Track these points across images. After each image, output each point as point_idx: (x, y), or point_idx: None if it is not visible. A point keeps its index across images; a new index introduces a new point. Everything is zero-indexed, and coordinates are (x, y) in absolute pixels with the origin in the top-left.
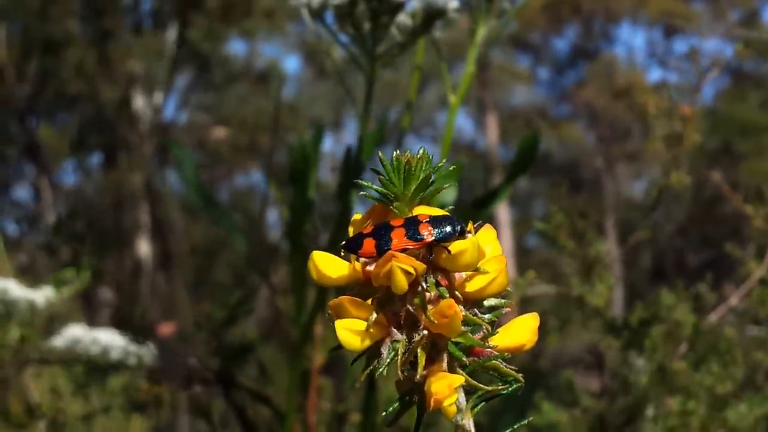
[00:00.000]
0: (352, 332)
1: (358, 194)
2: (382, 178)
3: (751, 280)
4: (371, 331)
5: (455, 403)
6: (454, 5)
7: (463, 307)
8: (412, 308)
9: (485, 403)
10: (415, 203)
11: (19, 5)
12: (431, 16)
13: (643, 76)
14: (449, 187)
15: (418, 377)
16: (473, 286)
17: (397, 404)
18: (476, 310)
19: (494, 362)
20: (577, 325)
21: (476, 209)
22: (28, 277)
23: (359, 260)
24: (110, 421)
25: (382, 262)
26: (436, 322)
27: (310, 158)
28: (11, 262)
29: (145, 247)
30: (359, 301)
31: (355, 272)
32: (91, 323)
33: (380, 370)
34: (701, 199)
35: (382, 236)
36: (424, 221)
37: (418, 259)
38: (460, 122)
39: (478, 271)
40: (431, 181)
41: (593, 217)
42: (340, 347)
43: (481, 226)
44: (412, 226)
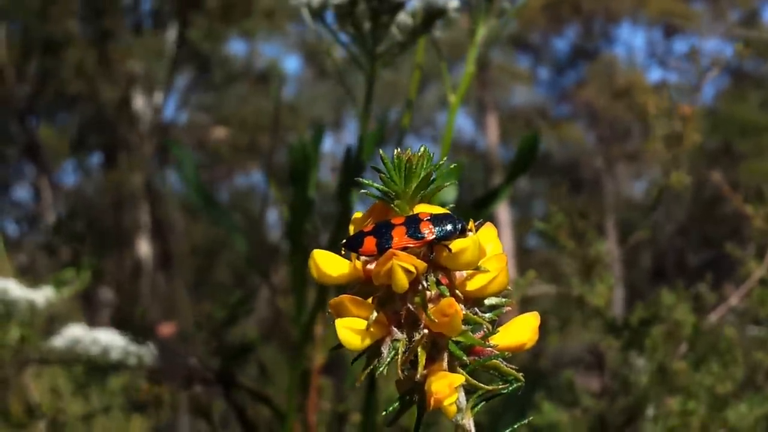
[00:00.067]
0: (352, 331)
1: (358, 194)
2: (383, 176)
3: (751, 280)
4: (372, 330)
5: (455, 402)
6: (454, 5)
7: (463, 305)
8: (412, 307)
9: (485, 402)
10: (416, 201)
11: (19, 5)
12: (431, 15)
13: (643, 76)
14: (450, 185)
15: (418, 376)
16: (474, 284)
17: (397, 404)
18: (477, 308)
19: (495, 361)
20: (577, 325)
21: (476, 209)
22: (28, 277)
23: (360, 259)
24: (110, 421)
25: (382, 260)
26: (436, 320)
27: (310, 158)
28: (11, 262)
29: (145, 247)
30: (360, 299)
31: (355, 271)
32: (91, 323)
33: (381, 369)
34: (701, 199)
35: (382, 234)
36: (425, 219)
37: (418, 257)
38: (460, 122)
39: (478, 269)
40: (432, 179)
41: (593, 217)
42: (340, 346)
43: (481, 224)
44: (412, 224)
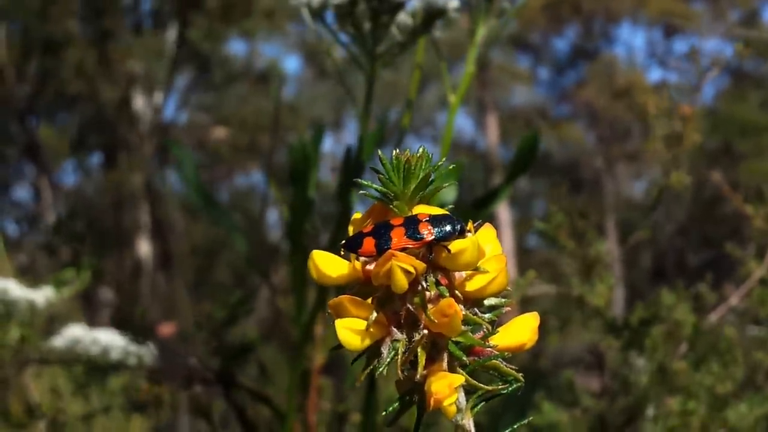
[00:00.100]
0: (352, 331)
1: (358, 194)
2: (381, 177)
3: (751, 280)
4: (371, 330)
5: (455, 402)
6: (454, 5)
7: (463, 306)
8: (412, 307)
9: (485, 402)
10: (414, 202)
11: (19, 5)
12: (431, 15)
13: (643, 76)
14: (449, 186)
15: (418, 377)
16: (473, 285)
17: (397, 404)
18: (476, 309)
19: (494, 362)
20: (577, 325)
21: (476, 209)
22: (28, 277)
23: (359, 259)
24: (110, 421)
25: (382, 261)
26: (436, 321)
27: (310, 158)
28: (11, 262)
29: (145, 247)
30: (359, 300)
31: (355, 271)
32: (91, 323)
33: (380, 369)
34: (701, 199)
35: (381, 235)
36: (423, 220)
37: (418, 258)
38: (460, 122)
39: (478, 270)
40: (431, 180)
41: (593, 217)
42: (340, 347)
43: (481, 225)
44: (411, 225)
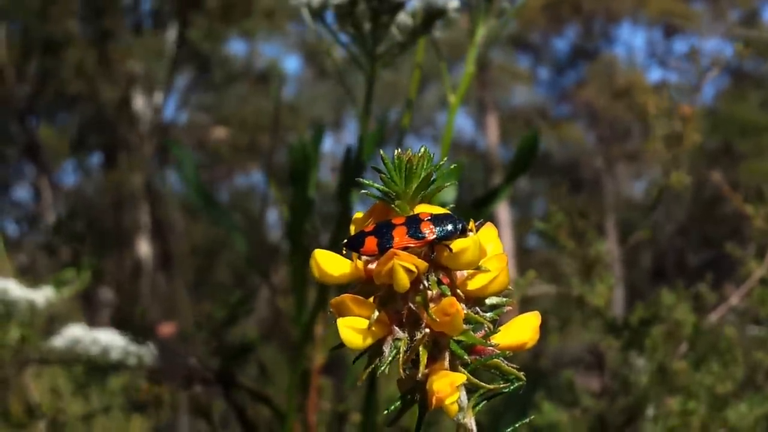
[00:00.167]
0: (354, 330)
1: (358, 194)
2: (383, 176)
3: (751, 279)
4: (373, 329)
5: (457, 401)
6: (454, 5)
7: (464, 305)
8: (413, 306)
9: (487, 401)
10: (416, 202)
11: (19, 5)
12: (431, 15)
13: (643, 76)
14: (450, 185)
15: (419, 375)
16: (475, 284)
17: (398, 403)
18: (478, 308)
19: (496, 360)
20: (577, 325)
21: (476, 209)
22: (28, 277)
23: (361, 258)
24: (110, 421)
25: (383, 260)
26: (437, 320)
27: (310, 158)
28: (11, 262)
29: (145, 247)
30: (361, 299)
31: (357, 270)
32: (91, 323)
33: (382, 368)
34: (701, 199)
35: (383, 234)
36: (425, 219)
37: (419, 257)
38: (460, 122)
39: (479, 269)
40: (432, 179)
41: (593, 217)
42: (341, 346)
43: (482, 224)
44: (413, 224)
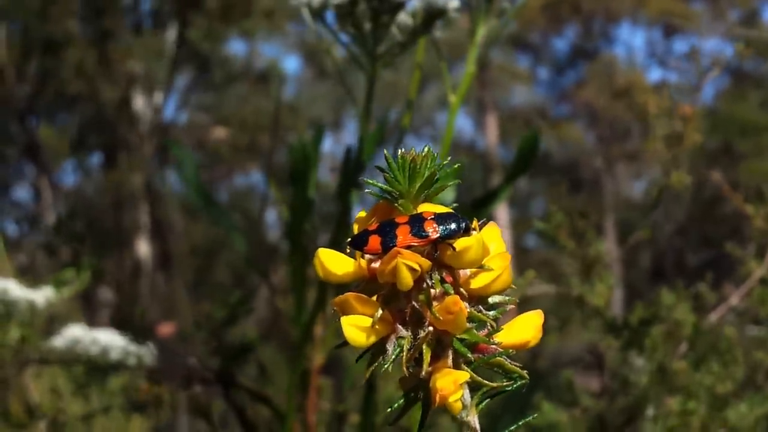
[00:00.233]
0: (357, 328)
1: (361, 193)
2: (387, 175)
3: (751, 279)
4: (377, 327)
5: (460, 399)
6: (454, 5)
7: (467, 303)
8: (417, 305)
9: (490, 399)
10: (419, 201)
11: (19, 5)
12: (432, 15)
13: (643, 76)
14: (453, 184)
15: (423, 373)
16: (478, 282)
17: (402, 401)
18: (481, 306)
19: (499, 359)
20: (576, 324)
21: (476, 210)
22: (28, 277)
23: (364, 257)
24: (110, 421)
25: (387, 258)
26: (441, 318)
27: (310, 158)
28: (11, 262)
29: (144, 247)
30: (365, 297)
31: (360, 269)
32: (91, 323)
33: (385, 366)
34: (701, 199)
35: (387, 233)
36: (429, 218)
37: (423, 255)
38: (459, 122)
39: (482, 268)
40: (436, 178)
41: (593, 216)
42: (345, 343)
43: (485, 223)
44: (417, 223)
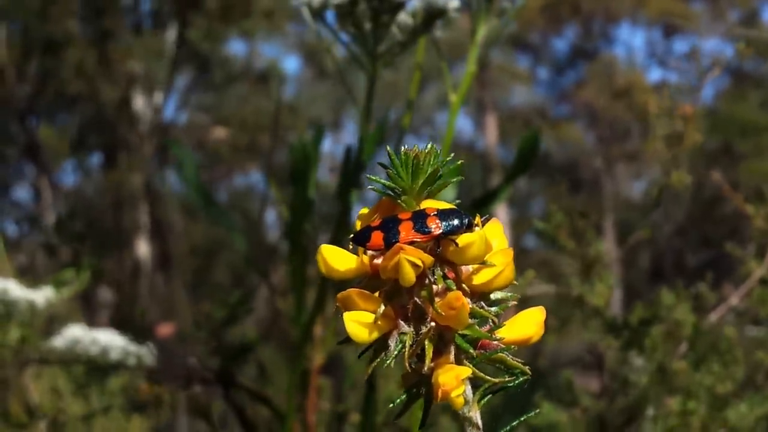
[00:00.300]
0: (360, 324)
1: (363, 191)
2: (390, 172)
3: (751, 279)
4: (379, 323)
5: (463, 394)
6: (454, 5)
7: (470, 299)
8: (419, 300)
9: (491, 395)
10: (422, 197)
11: (19, 5)
12: (432, 15)
13: (642, 76)
14: (455, 182)
15: (425, 369)
16: (480, 278)
17: (404, 397)
18: (483, 302)
19: (501, 355)
20: (576, 324)
21: (476, 209)
22: (28, 277)
23: (367, 253)
24: (110, 421)
25: (390, 254)
26: (443, 314)
27: (310, 158)
28: (11, 262)
29: (144, 247)
30: (367, 293)
31: (363, 265)
32: (90, 323)
33: (388, 362)
34: (701, 199)
35: (390, 229)
36: (431, 214)
37: (425, 251)
38: (459, 122)
39: (485, 264)
40: (439, 175)
41: (592, 217)
42: (348, 339)
43: (487, 220)
44: (419, 219)
